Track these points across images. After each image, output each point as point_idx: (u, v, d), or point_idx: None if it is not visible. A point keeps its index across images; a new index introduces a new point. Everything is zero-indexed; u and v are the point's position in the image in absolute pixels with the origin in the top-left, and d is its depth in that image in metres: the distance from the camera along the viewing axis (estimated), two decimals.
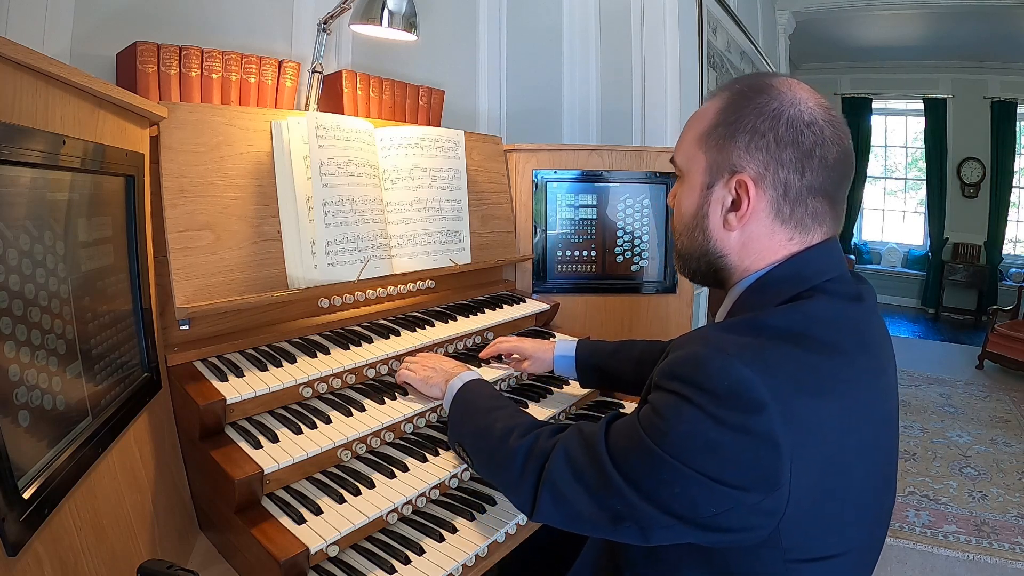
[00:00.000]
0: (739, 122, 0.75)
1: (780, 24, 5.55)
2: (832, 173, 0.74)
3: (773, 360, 0.65)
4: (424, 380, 1.16)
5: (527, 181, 1.85)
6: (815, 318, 0.71)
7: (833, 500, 0.67)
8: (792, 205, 0.75)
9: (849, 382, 0.68)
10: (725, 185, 0.77)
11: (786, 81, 0.77)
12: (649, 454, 0.67)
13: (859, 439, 0.69)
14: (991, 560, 2.46)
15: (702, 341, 0.69)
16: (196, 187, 1.10)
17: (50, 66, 0.66)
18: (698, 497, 0.65)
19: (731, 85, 0.80)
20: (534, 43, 2.47)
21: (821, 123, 0.74)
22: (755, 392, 0.63)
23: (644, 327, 1.89)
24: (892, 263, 8.07)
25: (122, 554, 0.78)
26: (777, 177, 0.74)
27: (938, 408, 4.19)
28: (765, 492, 0.63)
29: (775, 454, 0.62)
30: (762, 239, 0.77)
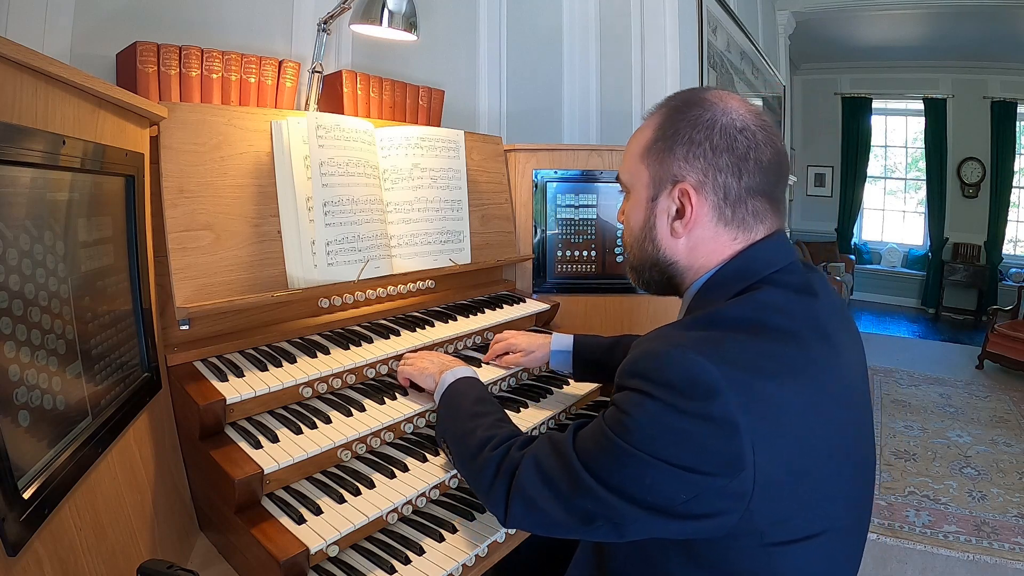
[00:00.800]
0: (677, 135, 0.80)
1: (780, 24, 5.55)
2: (768, 173, 0.79)
3: (727, 348, 0.69)
4: (421, 371, 1.18)
5: (527, 181, 1.85)
6: (766, 306, 0.74)
7: (801, 479, 0.69)
8: (733, 207, 0.79)
9: (805, 365, 0.71)
10: (669, 195, 0.82)
11: (717, 93, 0.83)
12: (616, 449, 0.70)
13: (820, 419, 0.71)
14: (991, 560, 2.46)
15: (658, 339, 0.73)
16: (196, 187, 1.10)
17: (50, 66, 0.66)
18: (667, 486, 0.68)
19: (667, 102, 0.86)
20: (534, 43, 2.47)
21: (753, 128, 0.79)
22: (710, 378, 0.66)
23: (643, 327, 1.88)
24: (892, 263, 8.07)
25: (122, 554, 0.78)
26: (716, 182, 0.79)
27: (938, 408, 4.19)
28: (730, 475, 0.66)
29: (735, 437, 0.65)
30: (708, 242, 0.81)
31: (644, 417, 0.69)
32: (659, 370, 0.69)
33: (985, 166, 7.12)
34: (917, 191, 7.96)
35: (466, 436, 0.94)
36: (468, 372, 1.14)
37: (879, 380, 4.76)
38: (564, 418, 1.37)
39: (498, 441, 0.88)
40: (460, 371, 1.13)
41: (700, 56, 2.87)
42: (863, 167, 7.89)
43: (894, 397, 4.40)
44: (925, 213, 7.72)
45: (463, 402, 1.04)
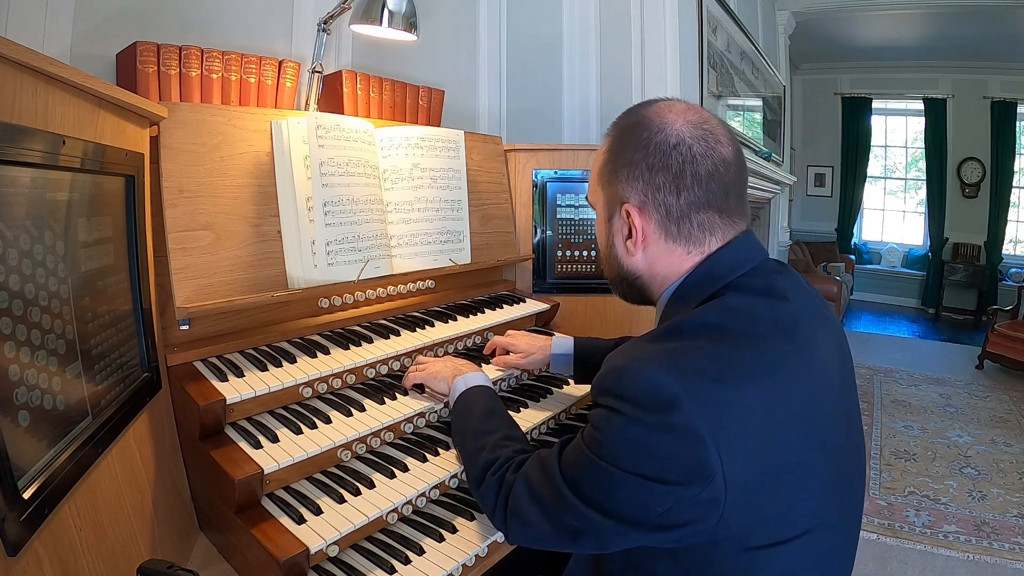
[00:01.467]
0: (620, 157, 0.83)
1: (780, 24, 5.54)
2: (709, 185, 0.79)
3: (684, 358, 0.70)
4: (433, 375, 1.18)
5: (527, 181, 1.85)
6: (727, 310, 0.76)
7: (774, 481, 0.69)
8: (677, 223, 0.80)
9: (768, 367, 0.71)
10: (619, 215, 0.84)
11: (659, 108, 0.83)
12: (592, 466, 0.73)
13: (789, 419, 0.71)
14: (991, 560, 2.46)
15: (622, 354, 0.75)
16: (196, 187, 1.10)
17: (50, 66, 0.66)
18: (641, 499, 0.69)
19: (617, 121, 0.88)
20: (534, 43, 2.47)
21: (689, 141, 0.79)
22: (666, 390, 0.67)
23: (644, 327, 1.88)
24: (892, 263, 8.07)
25: (122, 554, 0.78)
26: (656, 200, 0.80)
27: (938, 408, 4.18)
28: (699, 484, 0.66)
29: (700, 446, 0.66)
30: (663, 256, 0.83)
31: (612, 432, 0.71)
32: (621, 385, 0.71)
33: (985, 166, 7.12)
34: (917, 191, 7.96)
35: (473, 457, 0.97)
36: (479, 380, 1.14)
37: (879, 380, 4.76)
38: (564, 418, 1.37)
39: (498, 465, 0.91)
40: (472, 378, 1.14)
41: (700, 56, 2.87)
42: (863, 167, 7.89)
43: (894, 397, 4.40)
44: (925, 213, 7.72)
45: (471, 418, 1.05)
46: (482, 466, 0.93)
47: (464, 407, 1.08)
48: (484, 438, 0.98)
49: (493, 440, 0.97)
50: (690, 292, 0.81)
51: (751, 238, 0.84)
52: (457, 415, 1.09)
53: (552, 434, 1.32)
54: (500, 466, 0.90)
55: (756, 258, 0.82)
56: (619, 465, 0.70)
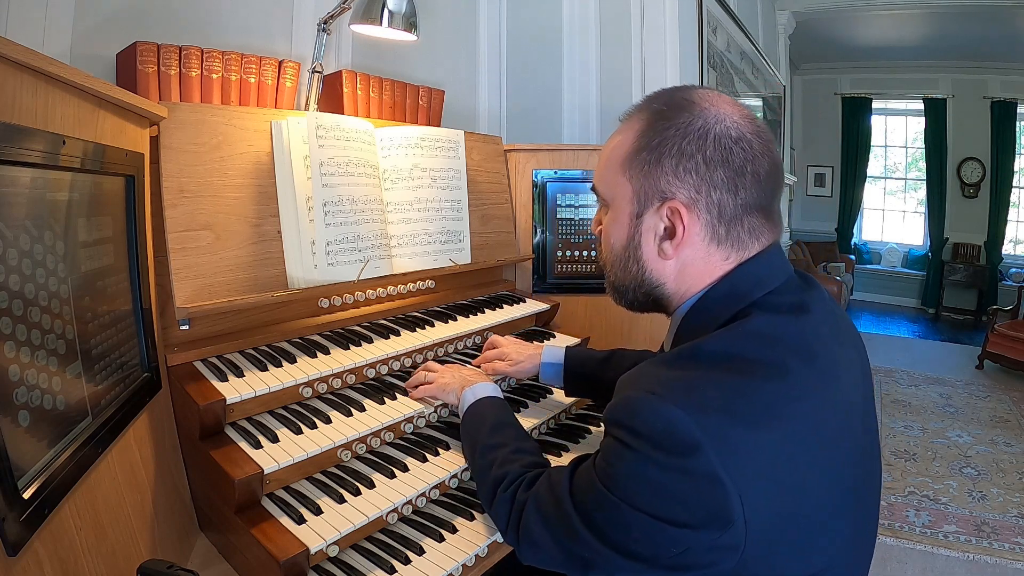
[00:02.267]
0: (663, 145, 0.73)
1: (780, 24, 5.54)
2: (765, 187, 0.73)
3: (705, 394, 0.64)
4: (443, 387, 1.16)
5: (527, 181, 1.85)
6: (751, 336, 0.69)
7: (795, 522, 0.65)
8: (728, 226, 0.73)
9: (791, 401, 0.66)
10: (656, 212, 0.75)
11: (706, 94, 0.75)
12: (603, 499, 0.68)
13: (811, 456, 0.66)
14: (991, 560, 2.46)
15: (637, 381, 0.69)
16: (196, 187, 1.10)
17: (50, 66, 0.66)
18: (655, 539, 0.65)
19: (648, 104, 0.77)
20: (534, 43, 2.47)
21: (749, 137, 0.72)
22: (687, 433, 0.61)
23: (644, 327, 1.89)
24: (892, 263, 8.07)
25: (122, 554, 0.78)
26: (710, 199, 0.72)
27: (938, 408, 4.18)
28: (719, 529, 0.62)
29: (721, 491, 0.61)
30: (698, 263, 0.75)
31: (625, 468, 0.66)
32: (635, 420, 0.65)
33: (985, 166, 7.12)
34: (917, 191, 7.96)
35: (484, 474, 0.94)
36: (487, 391, 1.11)
37: (879, 380, 4.76)
38: (564, 418, 1.37)
39: (508, 482, 0.88)
40: (480, 389, 1.11)
41: (700, 56, 2.87)
42: (863, 167, 7.89)
43: (894, 397, 4.40)
44: (925, 213, 7.72)
45: (481, 431, 1.02)
46: (492, 483, 0.90)
47: (473, 421, 1.06)
48: (494, 453, 0.96)
49: (503, 455, 0.94)
50: (712, 309, 0.75)
51: (779, 251, 0.77)
52: (466, 428, 1.07)
53: (553, 434, 1.32)
54: (510, 483, 0.87)
55: (785, 272, 0.76)
56: (632, 503, 0.65)
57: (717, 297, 0.75)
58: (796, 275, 0.78)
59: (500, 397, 1.12)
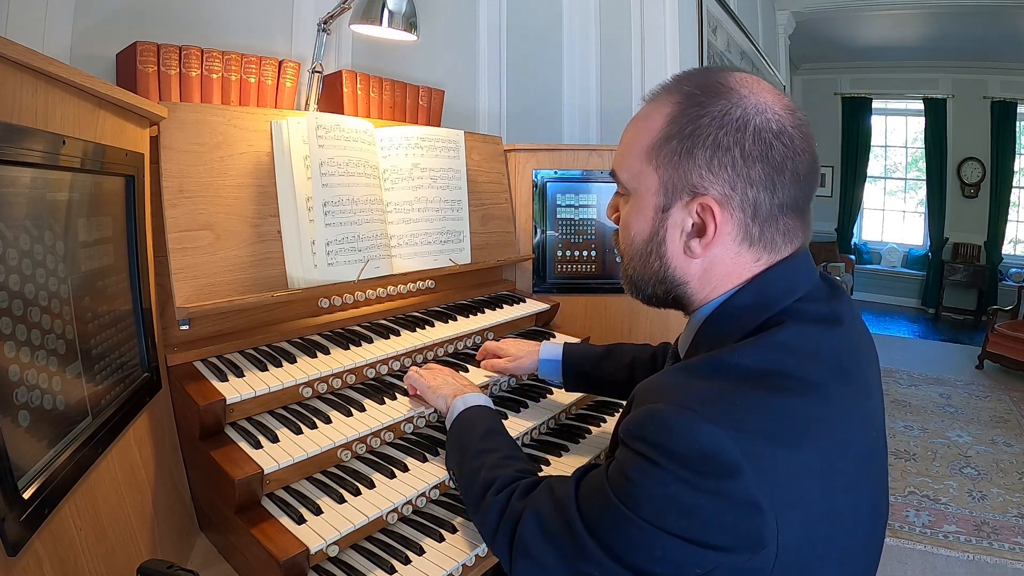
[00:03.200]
0: (696, 134, 0.67)
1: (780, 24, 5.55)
2: (804, 185, 0.68)
3: (743, 413, 0.60)
4: (432, 388, 1.14)
5: (527, 181, 1.85)
6: (788, 350, 0.64)
7: (822, 545, 0.63)
8: (762, 226, 0.68)
9: (829, 421, 0.63)
10: (685, 207, 0.69)
11: (745, 79, 0.69)
12: (623, 519, 0.63)
13: (843, 480, 0.64)
14: (991, 560, 2.46)
15: (665, 393, 0.64)
16: (196, 187, 1.10)
17: (50, 66, 0.66)
18: (679, 560, 0.61)
19: (679, 86, 0.71)
20: (534, 43, 2.47)
21: (791, 131, 0.67)
22: (727, 456, 0.57)
23: (644, 327, 1.89)
24: (892, 263, 8.07)
25: (122, 554, 0.78)
26: (746, 197, 0.66)
27: (938, 408, 4.19)
28: (751, 552, 0.59)
29: (758, 515, 0.58)
30: (726, 264, 0.70)
31: (651, 487, 0.61)
32: (667, 438, 0.60)
33: (985, 166, 7.12)
34: (917, 191, 7.96)
35: (472, 476, 0.89)
36: (479, 400, 1.08)
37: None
38: (564, 418, 1.37)
39: (500, 485, 0.82)
40: (471, 398, 1.07)
41: (700, 56, 2.87)
42: (863, 167, 7.89)
43: (894, 397, 4.40)
44: (925, 213, 7.72)
45: (471, 437, 0.98)
46: (482, 485, 0.85)
47: (463, 426, 1.02)
48: (484, 456, 0.91)
49: (494, 459, 0.90)
50: (737, 315, 0.70)
51: (809, 256, 0.73)
52: (454, 435, 1.03)
53: (553, 434, 1.32)
54: (502, 487, 0.82)
55: (812, 279, 0.71)
56: (658, 524, 0.60)
57: (744, 303, 0.70)
58: (822, 280, 0.74)
59: (491, 407, 1.08)
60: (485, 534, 0.82)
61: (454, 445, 1.01)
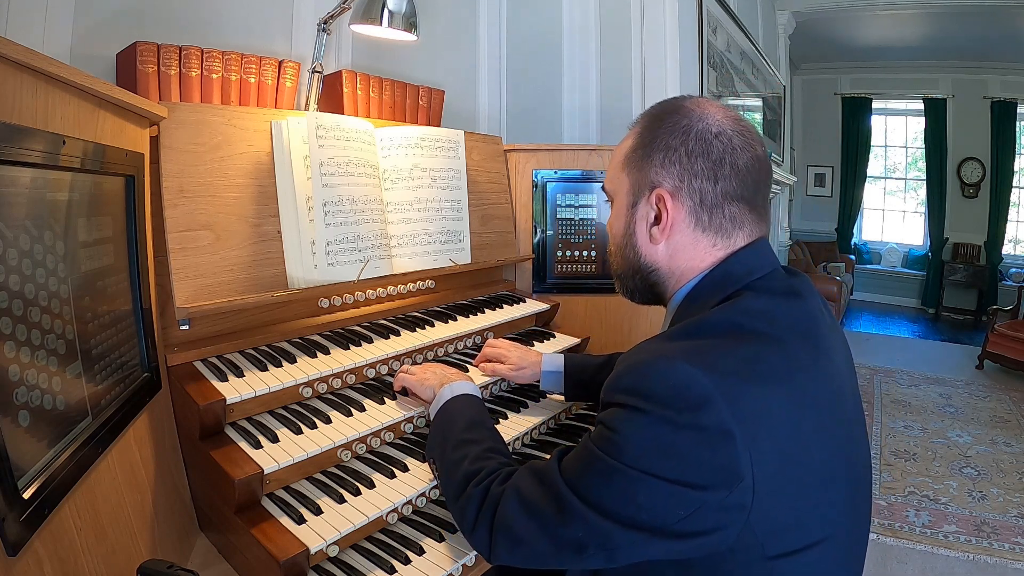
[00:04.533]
0: (654, 142, 0.81)
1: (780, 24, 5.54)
2: (745, 178, 0.79)
3: (713, 355, 0.67)
4: (420, 381, 1.15)
5: (527, 181, 1.85)
6: (748, 311, 0.74)
7: (798, 486, 0.68)
8: (710, 212, 0.79)
9: (790, 370, 0.70)
10: (647, 201, 0.82)
11: (696, 100, 0.84)
12: (605, 468, 0.68)
13: (810, 424, 0.69)
14: (991, 560, 2.46)
15: (642, 351, 0.72)
16: (196, 187, 1.10)
17: (50, 66, 0.66)
18: (662, 503, 0.65)
19: (648, 111, 0.87)
20: (534, 43, 2.47)
21: (729, 133, 0.79)
22: (700, 388, 0.64)
23: (644, 327, 1.89)
24: (892, 263, 8.07)
25: (122, 554, 0.78)
26: (692, 187, 0.79)
27: (938, 408, 4.18)
28: (728, 487, 0.64)
29: (731, 446, 0.63)
30: (687, 248, 0.81)
31: (633, 432, 0.67)
32: (645, 382, 0.67)
33: (985, 166, 7.12)
34: (917, 191, 7.96)
35: (452, 467, 0.91)
36: (467, 389, 1.09)
37: (879, 380, 4.76)
38: (564, 418, 1.37)
39: (482, 476, 0.84)
40: (459, 387, 1.09)
41: (700, 56, 2.87)
42: (863, 167, 7.89)
43: (894, 397, 4.40)
44: (925, 213, 7.72)
45: (454, 426, 1.00)
46: (462, 477, 0.86)
47: (448, 416, 1.03)
48: (467, 448, 0.92)
49: (477, 451, 0.91)
50: (706, 293, 0.80)
51: (768, 245, 0.83)
52: (438, 424, 1.03)
53: (553, 434, 1.32)
54: (484, 478, 0.84)
55: (773, 264, 0.81)
56: (641, 467, 0.65)
57: (711, 283, 0.80)
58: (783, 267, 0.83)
59: (479, 397, 1.09)
60: (464, 523, 0.83)
61: (437, 434, 1.01)
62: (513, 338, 1.55)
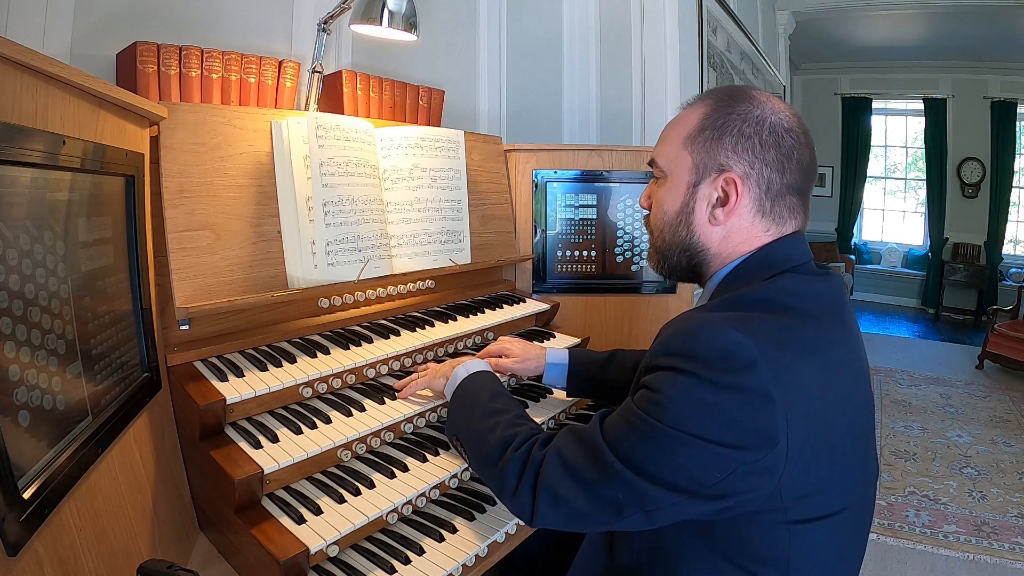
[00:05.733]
0: (726, 126, 0.83)
1: (780, 24, 5.54)
2: (806, 174, 0.84)
3: (756, 324, 0.71)
4: (433, 375, 1.16)
5: (527, 181, 1.85)
6: (788, 290, 0.78)
7: (825, 455, 0.71)
8: (773, 201, 0.83)
9: (823, 344, 0.74)
10: (712, 182, 0.84)
11: (763, 93, 0.87)
12: (648, 429, 0.70)
13: (837, 395, 0.74)
14: (991, 560, 2.46)
15: (689, 319, 0.76)
16: (196, 187, 1.10)
17: (50, 66, 0.66)
18: (700, 464, 0.68)
19: (712, 93, 0.88)
20: (534, 43, 2.47)
21: (797, 130, 0.83)
22: (745, 351, 0.68)
23: (644, 327, 1.89)
24: (892, 263, 8.06)
25: (122, 554, 0.78)
26: (761, 175, 0.82)
27: (938, 408, 4.18)
28: (765, 449, 0.67)
29: (770, 409, 0.67)
30: (742, 232, 0.84)
31: (677, 393, 0.70)
32: (693, 345, 0.70)
33: (985, 166, 7.11)
34: (917, 191, 7.96)
35: (484, 436, 0.91)
36: (481, 366, 1.11)
37: (879, 380, 4.75)
38: (564, 418, 1.37)
39: (520, 441, 0.86)
40: (473, 365, 1.10)
41: (700, 56, 2.87)
42: (863, 167, 7.88)
43: (894, 397, 4.40)
44: (925, 213, 7.71)
45: (478, 398, 1.00)
46: (499, 443, 0.87)
47: (468, 391, 1.03)
48: (496, 416, 0.93)
49: (507, 418, 0.92)
50: (747, 273, 0.83)
51: (805, 239, 0.87)
52: (459, 400, 1.03)
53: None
54: (522, 442, 0.85)
55: (808, 255, 0.85)
56: (682, 428, 0.68)
57: (753, 265, 0.83)
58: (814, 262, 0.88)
59: (494, 373, 1.10)
60: (505, 488, 0.83)
61: (458, 409, 1.02)
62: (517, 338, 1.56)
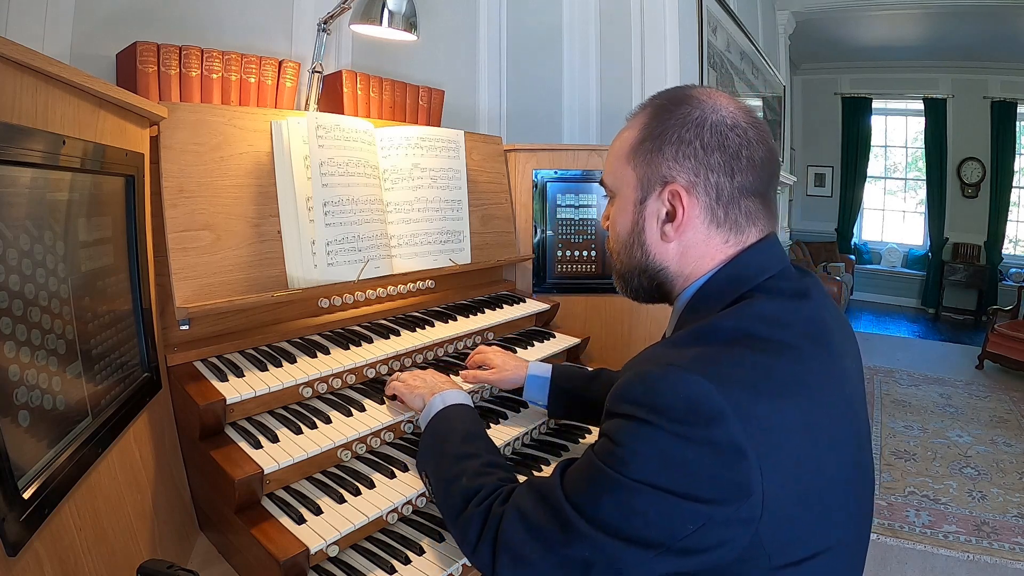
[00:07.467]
0: (664, 134, 0.77)
1: (780, 24, 5.55)
2: (761, 172, 0.76)
3: (725, 366, 0.65)
4: (410, 389, 1.10)
5: (527, 181, 1.85)
6: (762, 318, 0.70)
7: (810, 498, 0.66)
8: (726, 208, 0.76)
9: (803, 378, 0.68)
10: (658, 197, 0.78)
11: (704, 90, 0.80)
12: (610, 483, 0.65)
13: (821, 436, 0.68)
14: (991, 560, 2.46)
15: (650, 360, 0.69)
16: (196, 187, 1.10)
17: (50, 66, 0.66)
18: (670, 519, 0.63)
19: (651, 101, 0.82)
20: (534, 43, 2.47)
21: (744, 125, 0.76)
22: (711, 402, 0.62)
23: (644, 327, 1.89)
24: (892, 263, 8.07)
25: (122, 554, 0.78)
26: (708, 182, 0.75)
27: (938, 408, 4.18)
28: (738, 502, 0.62)
29: (743, 462, 0.61)
30: (699, 245, 0.78)
31: (642, 446, 0.64)
32: (654, 394, 0.64)
33: (985, 166, 7.12)
34: (917, 191, 7.96)
35: (449, 485, 0.86)
36: (459, 398, 1.05)
37: (879, 380, 4.76)
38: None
39: (483, 496, 0.81)
40: (450, 396, 1.04)
41: (700, 56, 2.87)
42: (863, 167, 7.89)
43: (894, 397, 4.40)
44: (925, 213, 7.72)
45: (450, 437, 0.95)
46: (461, 496, 0.83)
47: (440, 427, 0.99)
48: (464, 463, 0.88)
49: (475, 466, 0.87)
50: (715, 293, 0.76)
51: (778, 241, 0.80)
52: (431, 435, 0.99)
53: (552, 434, 1.32)
54: (485, 497, 0.80)
55: (784, 261, 0.78)
56: (647, 481, 0.63)
57: (720, 282, 0.76)
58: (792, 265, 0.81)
59: (471, 406, 1.05)
60: (466, 544, 0.80)
61: (429, 446, 0.97)
62: (512, 339, 1.56)
